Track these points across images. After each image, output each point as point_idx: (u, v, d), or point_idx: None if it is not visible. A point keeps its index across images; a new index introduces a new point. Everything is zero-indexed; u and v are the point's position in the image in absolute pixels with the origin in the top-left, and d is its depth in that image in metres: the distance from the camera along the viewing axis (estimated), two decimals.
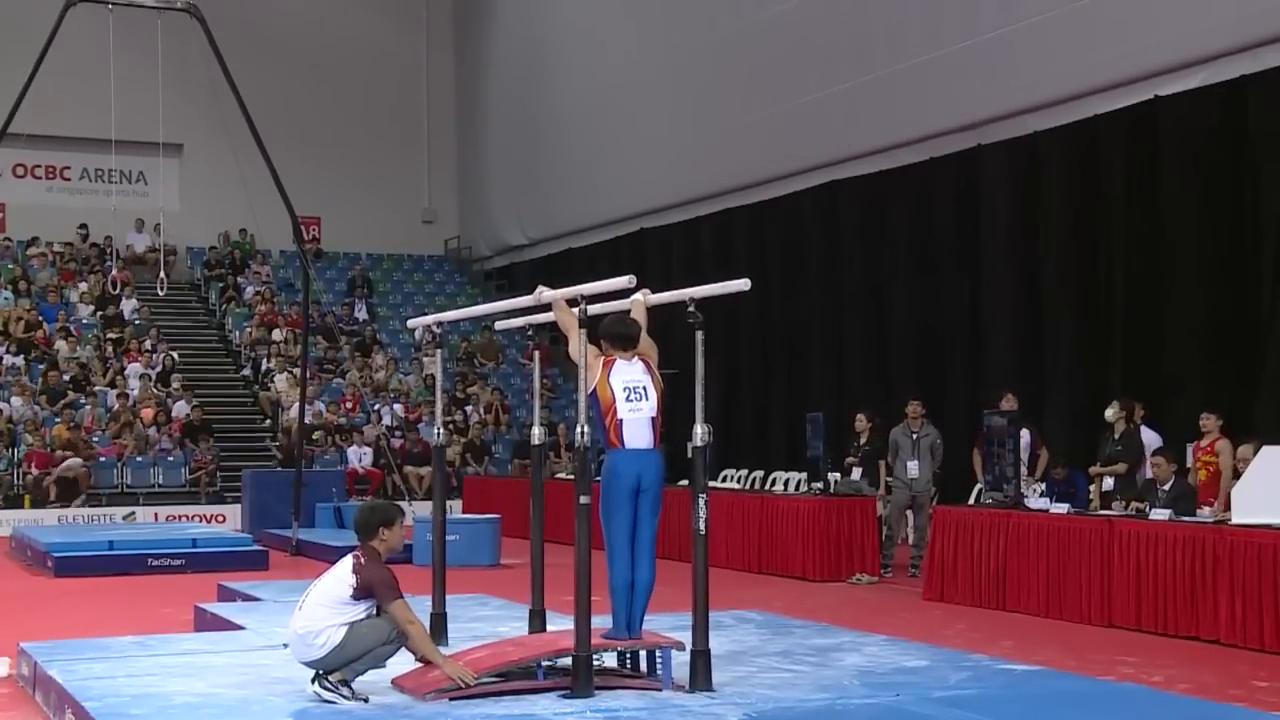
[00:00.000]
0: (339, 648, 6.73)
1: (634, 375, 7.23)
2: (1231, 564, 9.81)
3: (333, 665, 6.78)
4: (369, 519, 7.01)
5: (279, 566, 15.34)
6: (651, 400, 7.21)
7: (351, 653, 6.75)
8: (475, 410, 24.32)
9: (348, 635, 6.73)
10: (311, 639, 6.77)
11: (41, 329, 24.22)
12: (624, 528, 7.12)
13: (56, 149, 26.89)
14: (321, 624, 6.76)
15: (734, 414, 20.72)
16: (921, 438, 14.21)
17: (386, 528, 6.95)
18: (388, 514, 7.05)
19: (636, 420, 7.15)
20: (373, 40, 29.32)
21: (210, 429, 22.33)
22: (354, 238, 29.08)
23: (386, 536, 6.94)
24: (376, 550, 6.93)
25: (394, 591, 6.81)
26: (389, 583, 6.82)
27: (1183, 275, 14.45)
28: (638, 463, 7.11)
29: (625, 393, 7.15)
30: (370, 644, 6.75)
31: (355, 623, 6.75)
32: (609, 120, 23.59)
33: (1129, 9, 14.46)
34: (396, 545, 7.04)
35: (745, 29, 20.44)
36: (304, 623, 6.83)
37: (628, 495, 7.10)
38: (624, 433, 7.12)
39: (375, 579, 6.79)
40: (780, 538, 14.59)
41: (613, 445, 7.12)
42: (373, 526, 6.95)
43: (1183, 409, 13.21)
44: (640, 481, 7.11)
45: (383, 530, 6.94)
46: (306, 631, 6.80)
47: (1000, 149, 16.62)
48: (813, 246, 19.88)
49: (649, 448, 7.17)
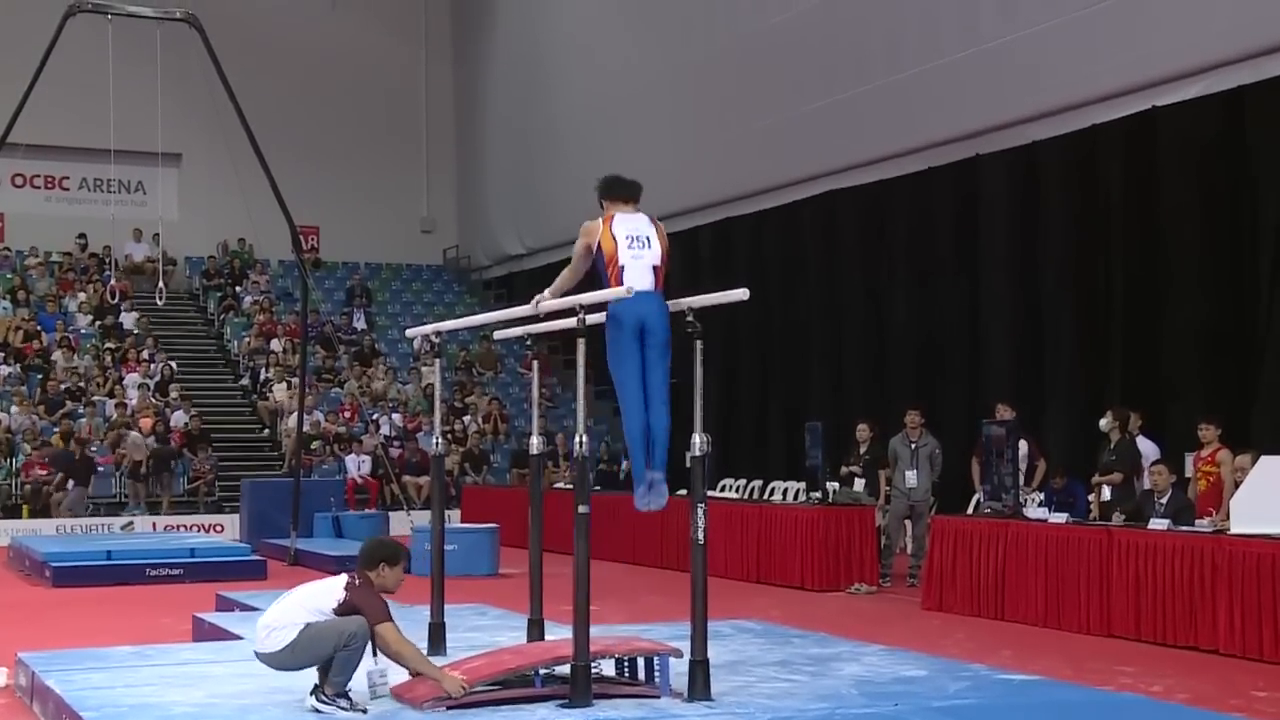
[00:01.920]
0: (289, 648, 6.67)
1: (637, 225, 7.22)
2: (1230, 574, 9.80)
3: (283, 664, 6.75)
4: (375, 551, 7.00)
5: (277, 576, 15.31)
6: (655, 249, 7.16)
7: (303, 655, 6.69)
8: (474, 419, 24.31)
9: (300, 635, 6.66)
10: (269, 633, 6.75)
11: (40, 339, 24.22)
12: (634, 373, 6.99)
13: (55, 159, 26.90)
14: (287, 620, 6.72)
15: (733, 423, 20.71)
16: (920, 447, 14.21)
17: (389, 565, 6.91)
18: (394, 553, 7.01)
19: (638, 265, 7.08)
20: (372, 50, 29.35)
21: (209, 438, 22.33)
22: (353, 247, 29.10)
23: (385, 574, 6.89)
24: (371, 581, 6.88)
25: (383, 615, 6.74)
26: (379, 607, 6.76)
27: (1181, 284, 14.47)
28: (640, 305, 6.96)
29: (628, 241, 7.14)
30: (324, 648, 6.65)
31: (311, 624, 6.68)
32: (607, 130, 23.60)
33: (1127, 19, 14.47)
34: (392, 586, 6.95)
35: (744, 39, 20.46)
36: (275, 617, 6.80)
37: (632, 337, 6.98)
38: (625, 278, 7.02)
39: (365, 602, 6.74)
40: (779, 547, 14.58)
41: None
42: (375, 559, 6.92)
43: (1181, 417, 13.22)
44: (644, 324, 6.98)
45: (384, 566, 6.90)
46: (272, 624, 6.77)
47: (999, 158, 16.64)
48: (812, 256, 19.89)
49: (651, 290, 7.07)
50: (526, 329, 8.92)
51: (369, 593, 6.81)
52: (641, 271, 7.09)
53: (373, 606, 6.74)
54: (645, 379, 7.04)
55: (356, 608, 6.71)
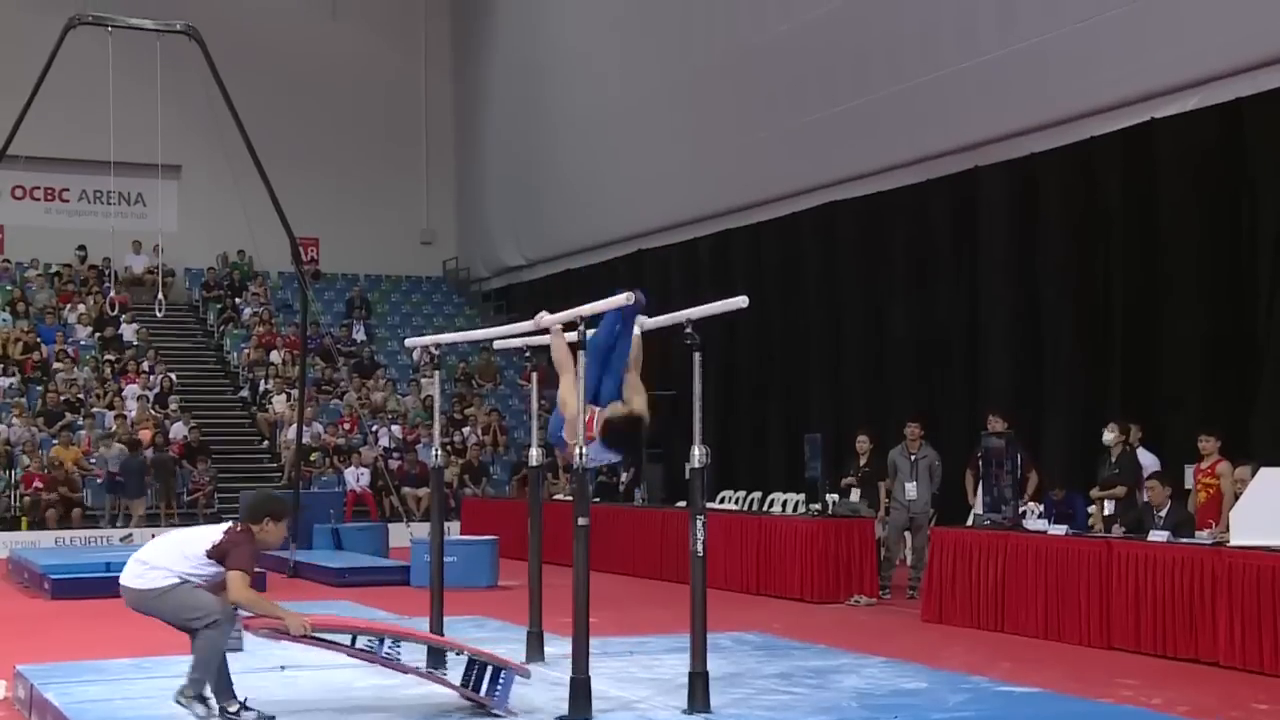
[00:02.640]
0: (158, 595, 6.67)
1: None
2: (1230, 586, 9.79)
3: (145, 607, 6.76)
4: (263, 505, 6.97)
5: (276, 588, 15.28)
6: None
7: (164, 610, 6.70)
8: (473, 431, 24.30)
9: (173, 591, 6.67)
10: (143, 570, 6.75)
11: (39, 351, 24.22)
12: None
13: (55, 171, 26.94)
14: (163, 563, 6.72)
15: (732, 435, 20.71)
16: (920, 459, 14.21)
17: (274, 520, 6.87)
18: (281, 508, 7.01)
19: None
20: (371, 62, 29.39)
21: (208, 450, 22.31)
22: (352, 259, 29.12)
23: (269, 528, 6.85)
24: (254, 533, 6.83)
25: (246, 564, 6.70)
26: (246, 556, 6.72)
27: (1180, 296, 14.47)
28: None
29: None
30: (185, 618, 6.66)
31: (187, 583, 6.68)
32: (607, 142, 23.64)
33: (1126, 32, 14.50)
34: (274, 542, 6.98)
35: (743, 51, 20.49)
36: (151, 554, 6.81)
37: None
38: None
39: (236, 548, 6.70)
40: (778, 559, 14.57)
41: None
42: (262, 513, 6.88)
43: (1180, 429, 13.21)
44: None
45: (268, 521, 6.86)
46: (147, 561, 6.78)
47: (998, 170, 16.65)
48: (811, 267, 19.89)
49: None
50: (526, 341, 8.93)
51: (245, 541, 6.76)
52: None
53: (240, 553, 6.70)
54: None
55: (226, 551, 6.68)
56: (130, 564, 6.88)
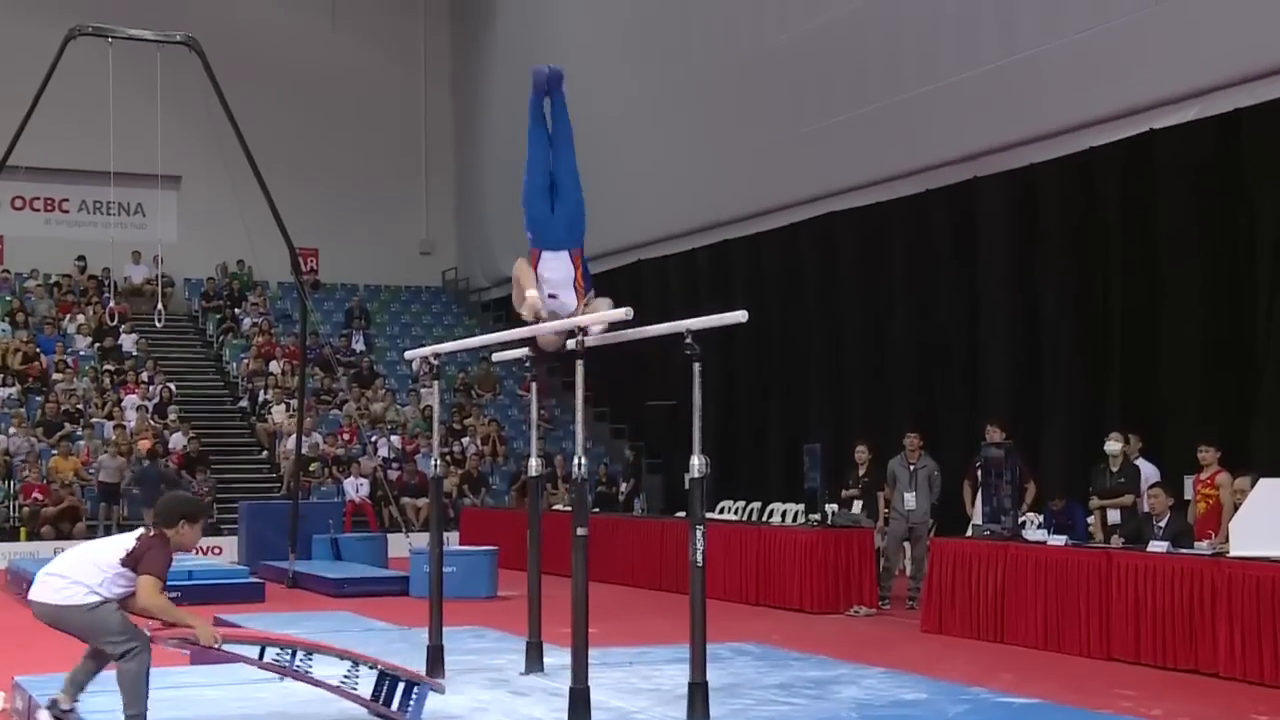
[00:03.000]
0: (82, 611, 6.51)
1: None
2: (1230, 596, 9.79)
3: (59, 623, 6.63)
4: (175, 507, 6.75)
5: (275, 599, 15.29)
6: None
7: (80, 628, 6.56)
8: (472, 441, 24.30)
9: (91, 611, 6.50)
10: (66, 585, 6.58)
11: (39, 361, 24.22)
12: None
13: (55, 181, 26.98)
14: (80, 577, 6.55)
15: (732, 445, 20.70)
16: (919, 469, 14.21)
17: (189, 522, 6.67)
18: (196, 510, 6.82)
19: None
20: (371, 72, 29.44)
21: (207, 460, 22.31)
22: (352, 269, 29.14)
23: (185, 531, 6.66)
24: (168, 538, 6.65)
25: (158, 569, 6.52)
26: (159, 561, 6.54)
27: (1179, 305, 14.48)
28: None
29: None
30: (100, 640, 6.54)
31: (105, 604, 6.50)
32: (605, 152, 23.58)
33: (1124, 43, 14.52)
34: (190, 544, 6.81)
35: (742, 62, 20.52)
36: (64, 567, 6.65)
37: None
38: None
39: (149, 553, 6.52)
40: (778, 569, 14.56)
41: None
42: (175, 516, 6.66)
43: (1180, 439, 13.22)
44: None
45: (184, 523, 6.65)
46: (61, 574, 6.62)
47: (997, 180, 16.67)
48: (810, 278, 19.91)
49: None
50: (525, 351, 8.92)
51: (159, 546, 6.57)
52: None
53: (152, 558, 6.52)
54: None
55: (140, 556, 6.51)
56: (42, 577, 6.69)
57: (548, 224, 7.36)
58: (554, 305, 7.39)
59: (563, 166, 7.36)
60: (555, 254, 7.42)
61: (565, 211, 7.41)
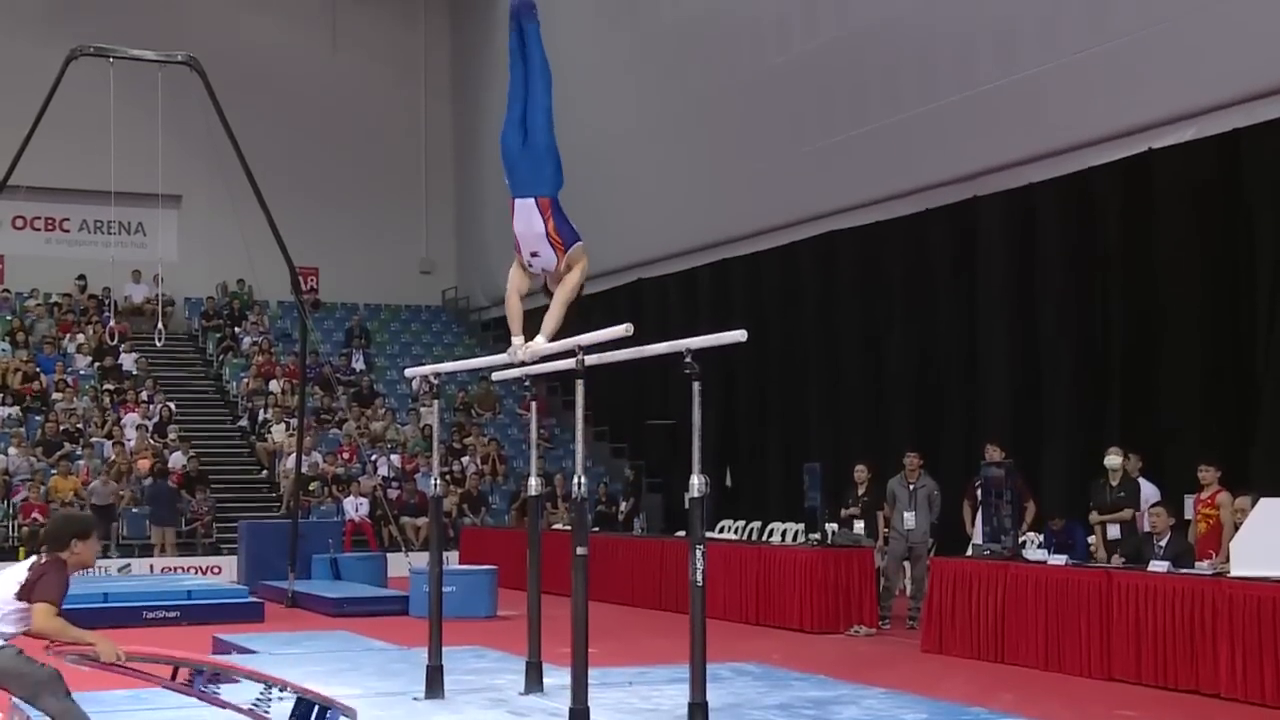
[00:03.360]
0: None
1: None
2: (1231, 617, 9.77)
3: None
4: (63, 528, 6.56)
5: (275, 618, 15.27)
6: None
7: (5, 673, 6.36)
8: (472, 461, 24.28)
9: (3, 654, 6.32)
10: None
11: (39, 380, 24.21)
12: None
13: (56, 201, 26.99)
14: None
15: (731, 464, 20.69)
16: (919, 489, 14.21)
17: (80, 540, 6.49)
18: (85, 527, 6.62)
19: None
20: (371, 91, 29.50)
21: (207, 480, 22.29)
22: (352, 288, 29.15)
23: (80, 549, 6.48)
24: (64, 561, 6.47)
25: (52, 595, 6.33)
26: (54, 586, 6.35)
27: (1179, 325, 14.49)
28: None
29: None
30: (31, 680, 6.34)
31: (13, 649, 6.33)
32: (606, 171, 23.68)
33: (1123, 63, 14.56)
34: (89, 560, 6.64)
35: (742, 82, 20.57)
36: None
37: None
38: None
39: (44, 578, 6.33)
40: (778, 589, 14.54)
41: None
42: (66, 538, 6.48)
43: (1179, 458, 13.21)
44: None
45: (76, 543, 6.47)
46: None
47: (996, 200, 16.69)
48: (810, 297, 19.92)
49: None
50: (525, 370, 8.92)
51: (53, 570, 6.39)
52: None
53: (45, 584, 6.33)
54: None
55: (35, 583, 6.33)
56: None
57: (518, 163, 7.31)
58: (538, 263, 7.34)
59: (534, 104, 7.30)
60: (523, 202, 7.33)
61: (533, 151, 7.33)
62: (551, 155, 7.34)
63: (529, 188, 7.27)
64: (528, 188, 7.27)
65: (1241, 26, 13.30)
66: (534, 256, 7.29)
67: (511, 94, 7.34)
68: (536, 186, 7.28)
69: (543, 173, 7.31)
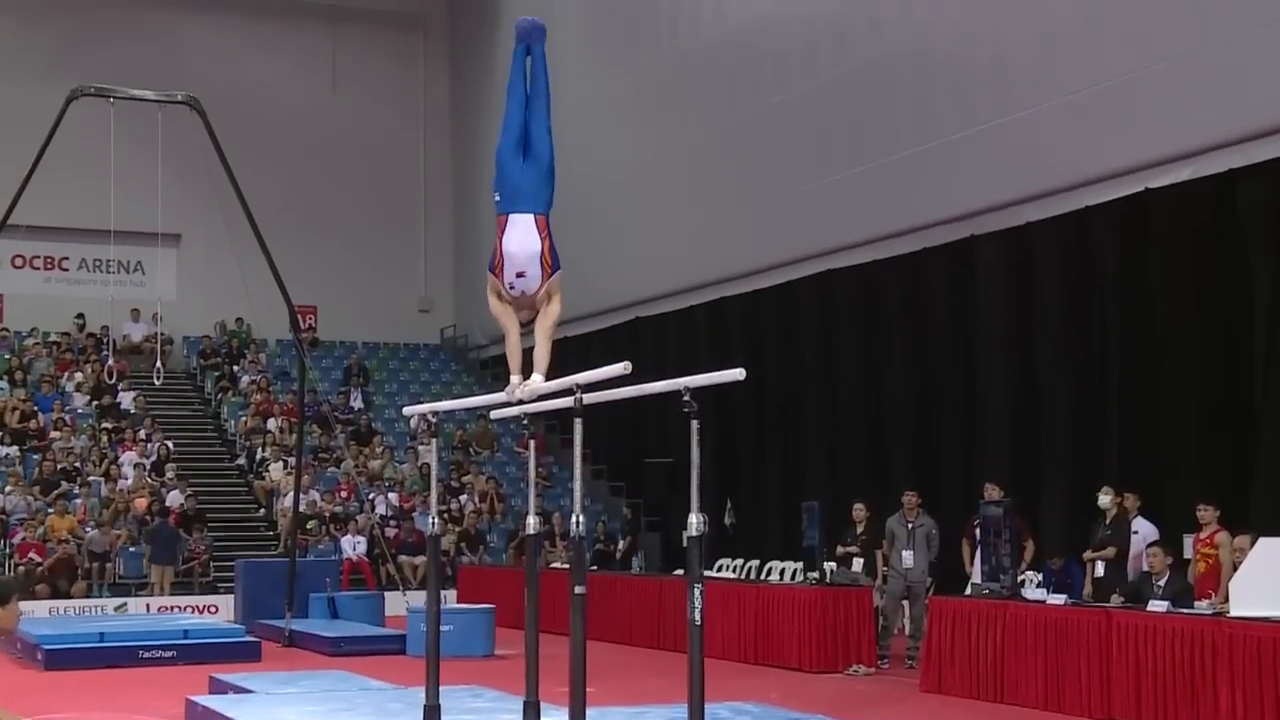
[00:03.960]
0: None
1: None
2: (1231, 657, 9.74)
3: None
4: None
5: (272, 658, 15.22)
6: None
7: None
8: (470, 499, 24.25)
9: None
10: None
11: (37, 419, 24.19)
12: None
13: (55, 240, 27.01)
14: None
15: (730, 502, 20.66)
16: (917, 527, 14.19)
17: (1, 605, 6.30)
18: (4, 591, 6.40)
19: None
20: (370, 131, 29.60)
21: (204, 518, 22.24)
22: (350, 326, 29.18)
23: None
24: None
25: None
26: None
27: (1176, 364, 14.50)
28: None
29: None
30: None
31: None
32: (604, 209, 23.77)
33: (1119, 103, 14.63)
34: (12, 625, 6.50)
35: (741, 121, 20.65)
36: None
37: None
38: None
39: None
40: (776, 628, 14.50)
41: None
42: None
43: (1178, 497, 13.20)
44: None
45: None
46: None
47: (993, 239, 16.74)
48: (808, 335, 19.94)
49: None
50: (523, 409, 8.92)
51: None
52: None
53: None
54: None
55: None
56: None
57: (518, 180, 7.33)
58: (521, 285, 7.33)
59: (537, 123, 7.37)
60: (521, 218, 7.30)
61: (536, 167, 7.37)
62: (552, 175, 7.41)
63: (529, 204, 7.30)
64: (528, 204, 7.30)
65: (1237, 68, 13.37)
66: (519, 277, 7.27)
67: (511, 113, 7.40)
68: (537, 204, 7.32)
69: (543, 191, 7.38)
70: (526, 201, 7.30)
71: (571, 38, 24.85)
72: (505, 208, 7.33)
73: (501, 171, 7.39)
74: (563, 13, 25.33)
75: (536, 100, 7.40)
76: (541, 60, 7.44)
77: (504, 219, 7.31)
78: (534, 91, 7.42)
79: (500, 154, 7.40)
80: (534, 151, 7.35)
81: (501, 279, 7.29)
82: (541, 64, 7.44)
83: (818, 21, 19.09)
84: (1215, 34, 13.55)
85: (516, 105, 7.37)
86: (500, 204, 7.37)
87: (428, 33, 30.94)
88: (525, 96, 7.39)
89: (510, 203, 7.32)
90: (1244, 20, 13.26)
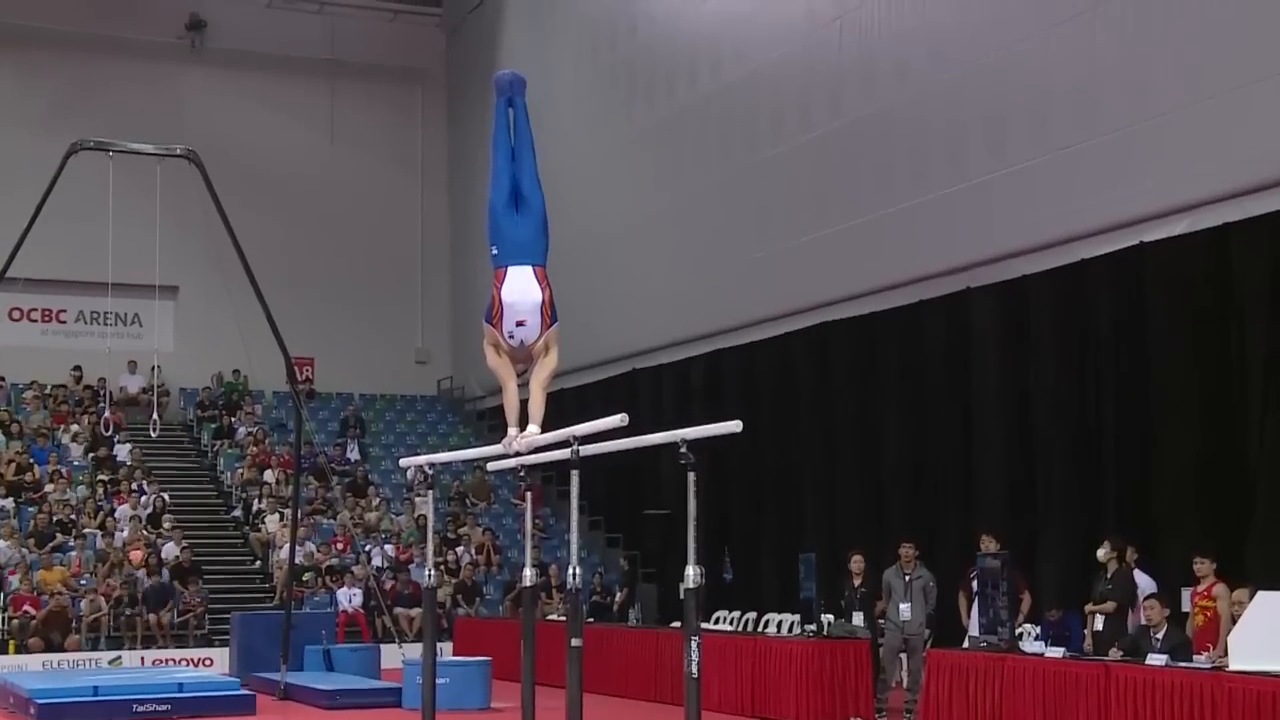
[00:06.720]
0: None
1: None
2: (1231, 711, 9.70)
3: None
4: None
5: (267, 711, 15.14)
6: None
7: None
8: (467, 551, 24.19)
9: None
10: None
11: (32, 471, 24.14)
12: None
13: (53, 292, 27.06)
14: None
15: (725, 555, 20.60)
16: (914, 580, 14.15)
17: None
18: None
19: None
20: (367, 185, 29.75)
21: (200, 570, 22.17)
22: (347, 378, 29.19)
23: None
24: None
25: None
26: None
27: (1172, 417, 14.51)
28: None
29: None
30: None
31: None
32: (601, 262, 23.85)
33: (1114, 157, 14.72)
34: None
35: (736, 174, 20.76)
36: None
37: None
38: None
39: None
40: (773, 680, 14.44)
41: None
42: None
43: (1176, 550, 13.18)
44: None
45: None
46: None
47: (989, 291, 16.79)
48: (804, 387, 19.96)
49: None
50: (520, 460, 8.93)
51: None
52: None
53: None
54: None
55: None
56: None
57: (514, 233, 7.38)
58: (520, 334, 7.35)
59: (525, 175, 7.45)
60: (520, 269, 7.36)
61: (530, 219, 7.43)
62: (546, 226, 7.47)
63: (528, 256, 7.35)
64: (527, 256, 7.35)
65: (1232, 122, 13.47)
66: (519, 326, 7.30)
67: (499, 168, 7.47)
68: (535, 256, 7.37)
69: (540, 242, 7.45)
70: (525, 254, 7.35)
71: (569, 92, 25.04)
72: (504, 261, 7.36)
73: (496, 225, 7.43)
74: (560, 68, 25.55)
75: (522, 151, 7.48)
76: (523, 112, 7.52)
77: (502, 271, 7.35)
78: (519, 144, 7.49)
79: (493, 208, 7.46)
80: (526, 203, 7.41)
81: (500, 329, 7.31)
82: (524, 116, 7.51)
83: (814, 76, 19.23)
84: (1209, 89, 13.64)
85: (503, 159, 7.44)
86: (498, 257, 7.40)
87: (425, 87, 31.14)
88: (511, 150, 7.46)
89: (509, 256, 7.36)
90: (1238, 76, 13.36)
